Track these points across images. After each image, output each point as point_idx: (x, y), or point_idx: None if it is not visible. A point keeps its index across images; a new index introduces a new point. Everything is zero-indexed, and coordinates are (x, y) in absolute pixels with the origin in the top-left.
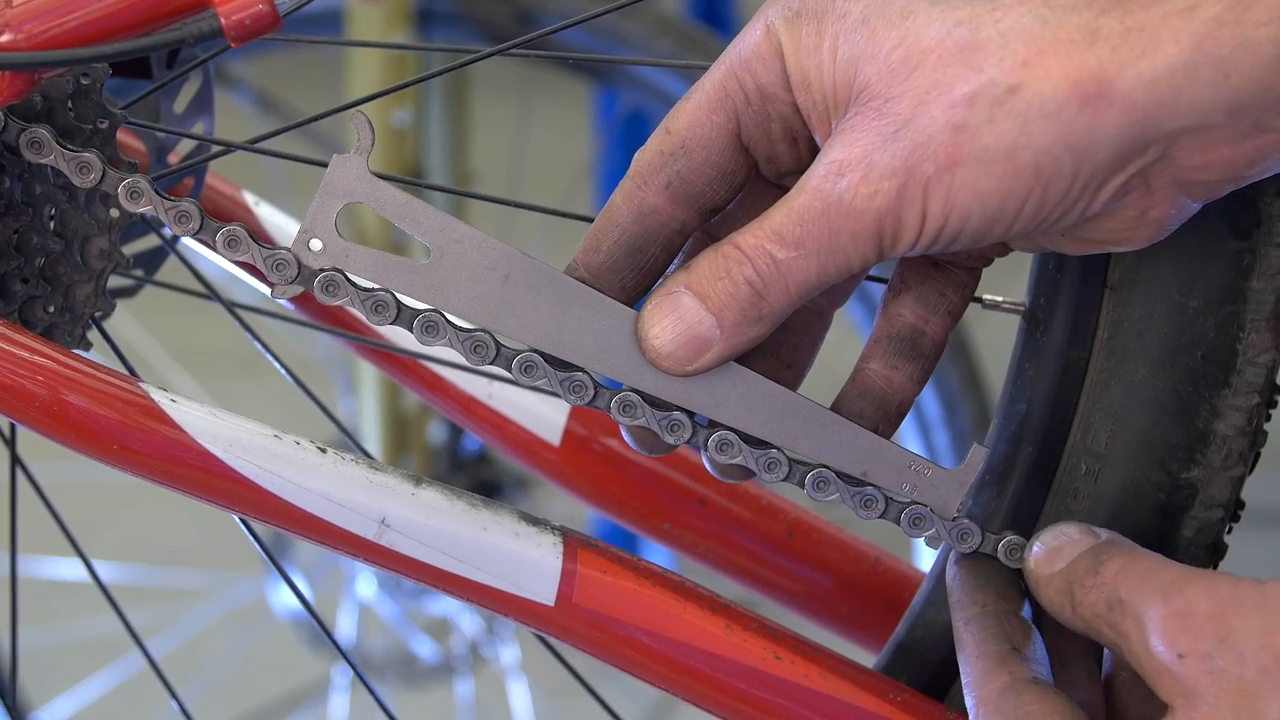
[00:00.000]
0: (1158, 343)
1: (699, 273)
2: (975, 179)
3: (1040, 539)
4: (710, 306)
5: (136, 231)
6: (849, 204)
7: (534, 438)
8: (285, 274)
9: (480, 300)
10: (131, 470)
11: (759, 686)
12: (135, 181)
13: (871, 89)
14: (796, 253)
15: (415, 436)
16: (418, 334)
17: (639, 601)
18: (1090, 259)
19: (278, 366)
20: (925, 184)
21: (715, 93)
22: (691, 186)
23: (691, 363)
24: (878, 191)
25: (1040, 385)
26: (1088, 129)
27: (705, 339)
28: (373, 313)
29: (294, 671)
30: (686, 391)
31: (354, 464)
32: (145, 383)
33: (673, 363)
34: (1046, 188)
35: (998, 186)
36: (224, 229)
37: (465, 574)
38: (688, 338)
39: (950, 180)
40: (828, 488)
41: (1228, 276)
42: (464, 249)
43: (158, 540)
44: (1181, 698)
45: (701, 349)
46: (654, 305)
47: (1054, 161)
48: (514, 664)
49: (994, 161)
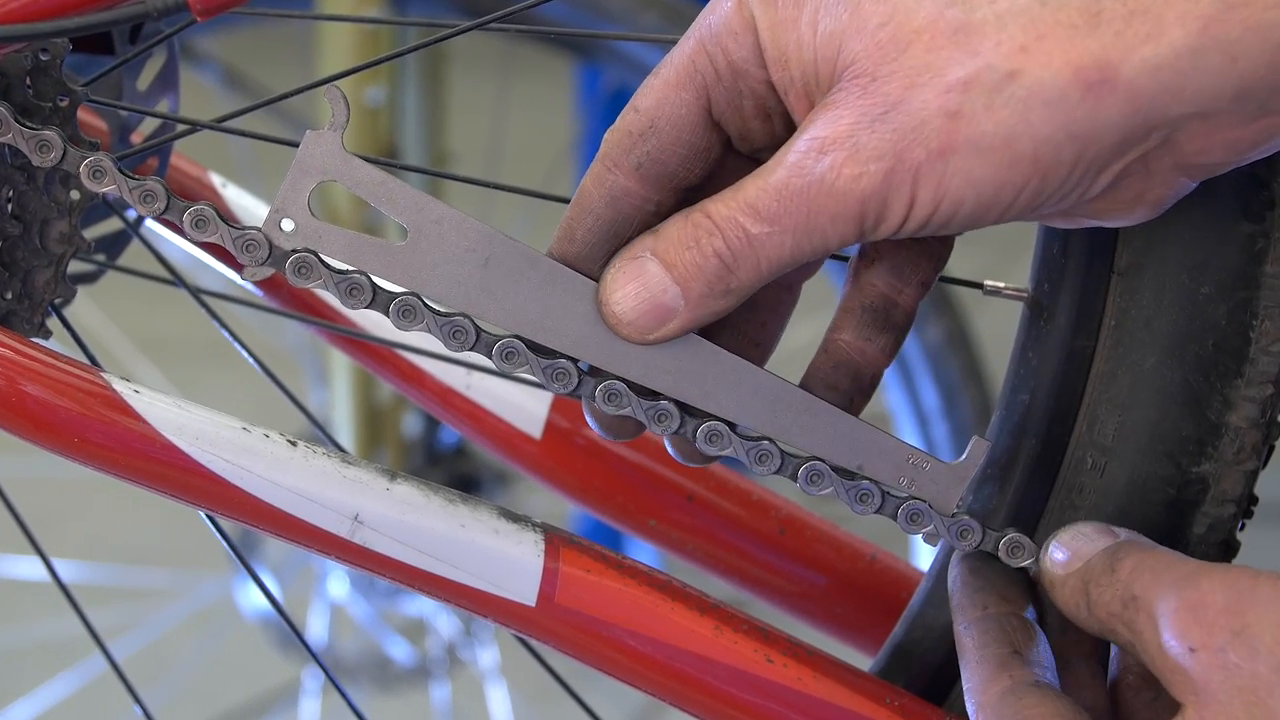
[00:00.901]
0: (1167, 331)
1: (667, 238)
2: (970, 167)
3: (1057, 539)
4: (676, 276)
5: (98, 215)
6: (831, 184)
7: (514, 430)
8: (256, 255)
9: (459, 283)
10: (93, 464)
11: (749, 691)
12: (98, 160)
13: (858, 66)
14: (771, 229)
15: (390, 429)
16: (394, 318)
17: (624, 602)
18: (1096, 243)
19: (245, 355)
20: (916, 169)
21: (684, 68)
22: (663, 167)
23: (652, 332)
24: (863, 174)
25: (1044, 375)
26: (1090, 117)
27: (668, 309)
28: (347, 296)
29: (262, 675)
30: (675, 382)
31: (326, 458)
32: (107, 373)
33: (631, 330)
34: (1045, 176)
35: (994, 175)
36: (191, 208)
37: (442, 573)
38: (650, 306)
39: (943, 167)
40: (821, 481)
41: (1240, 261)
42: (443, 230)
43: (120, 538)
44: (1193, 695)
45: (664, 318)
46: (617, 269)
47: (1054, 150)
48: (493, 667)
49: (991, 150)
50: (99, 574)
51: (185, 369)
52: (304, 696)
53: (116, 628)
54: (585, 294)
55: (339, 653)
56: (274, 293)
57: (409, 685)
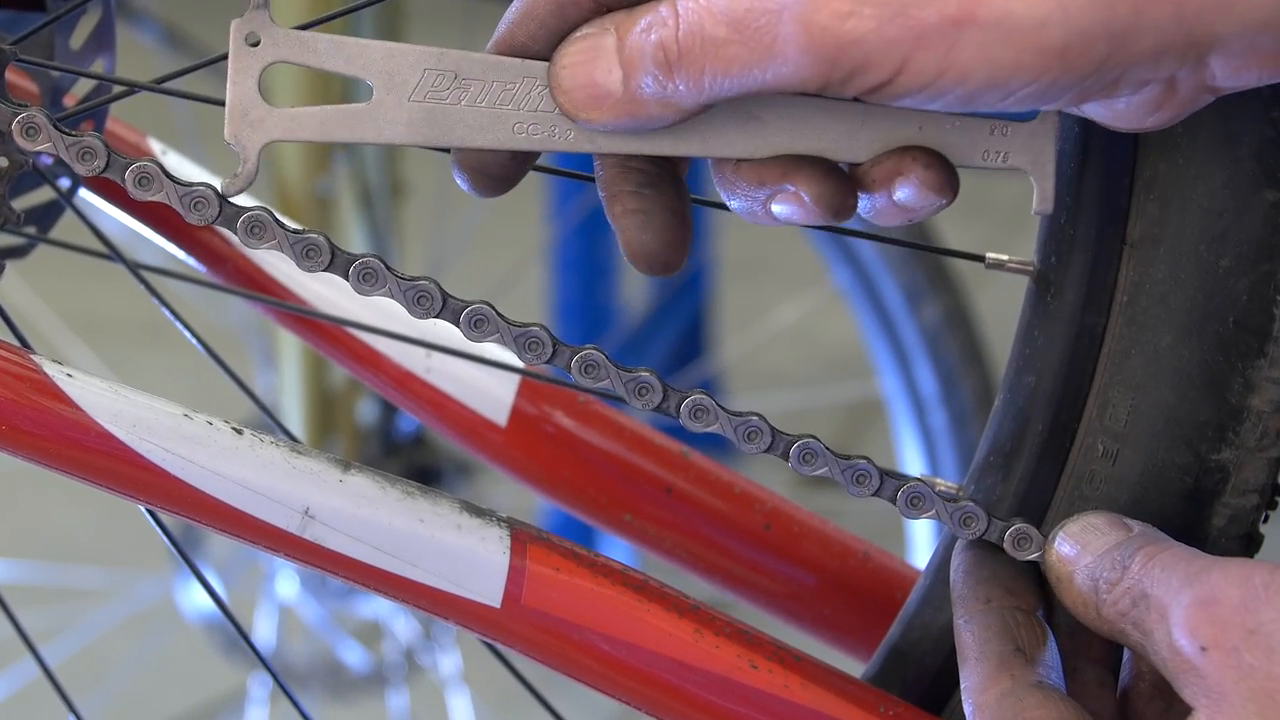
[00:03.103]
0: (1184, 307)
1: (632, 17)
2: (988, 43)
3: (1064, 530)
4: (622, 57)
5: (26, 184)
6: (810, 15)
7: (478, 417)
8: (205, 213)
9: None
10: (22, 454)
11: (732, 699)
12: (31, 116)
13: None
14: (730, 37)
15: (343, 416)
16: (354, 282)
17: (596, 602)
18: (1107, 213)
19: (187, 334)
20: (920, 31)
21: None
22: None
23: (585, 110)
24: (852, 14)
25: (1051, 355)
26: (1133, 15)
27: (605, 90)
28: (303, 258)
29: (206, 681)
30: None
31: (274, 447)
32: (38, 355)
33: (567, 101)
34: (1068, 70)
35: (1014, 59)
36: (134, 164)
37: (399, 571)
38: (589, 79)
39: (956, 36)
40: (815, 460)
41: (1263, 232)
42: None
43: (52, 533)
44: (1205, 697)
45: (599, 99)
46: (578, 35)
47: (1086, 46)
48: (454, 673)
49: (1017, 30)
50: (28, 572)
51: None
52: (250, 704)
53: (48, 630)
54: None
55: (288, 657)
56: (217, 267)
57: (364, 692)
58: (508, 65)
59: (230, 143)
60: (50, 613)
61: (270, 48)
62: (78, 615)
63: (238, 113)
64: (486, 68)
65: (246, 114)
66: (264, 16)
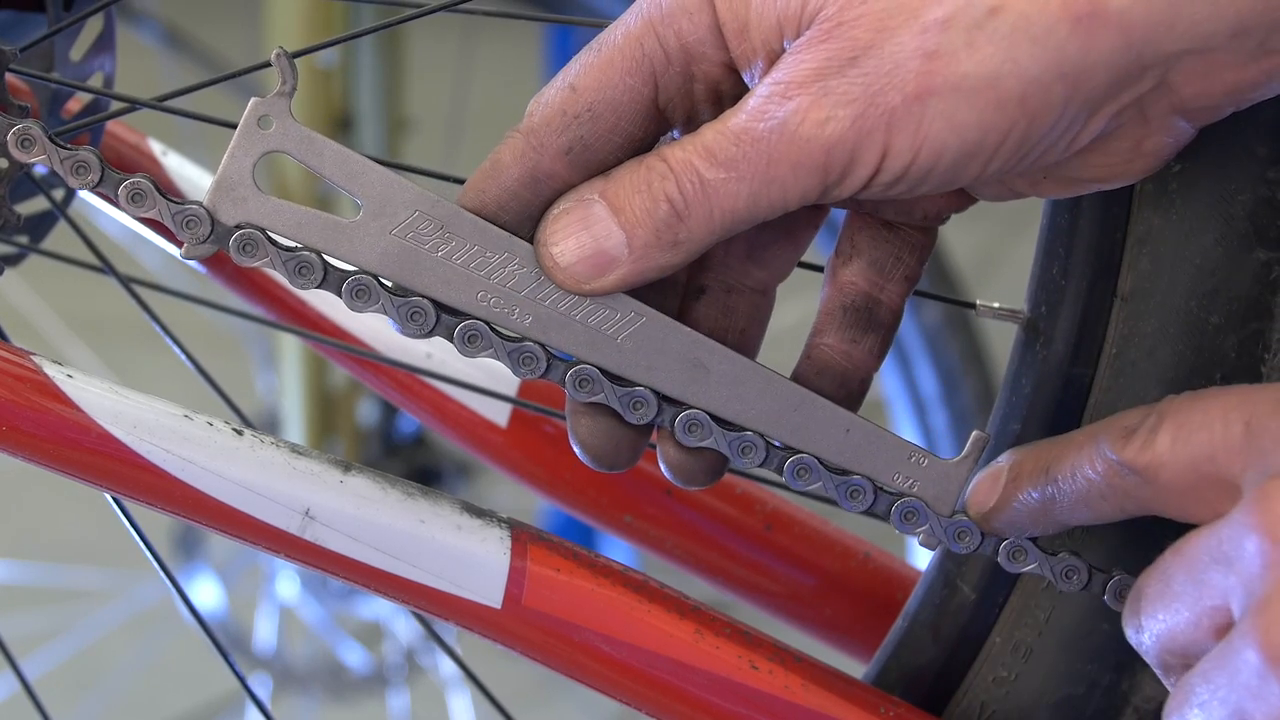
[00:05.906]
0: (1172, 362)
1: (618, 181)
2: (952, 110)
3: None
4: (622, 221)
5: (21, 193)
6: (794, 130)
7: (478, 418)
8: (197, 232)
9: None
10: (22, 455)
11: (732, 700)
12: (27, 128)
13: (824, 13)
14: (727, 175)
15: (344, 417)
16: (347, 299)
17: (597, 603)
18: (1099, 265)
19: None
20: (889, 115)
21: (631, 52)
22: (595, 154)
23: (590, 281)
24: (830, 119)
25: (1038, 404)
26: (1081, 53)
27: (611, 257)
28: (296, 275)
29: (205, 682)
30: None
31: (274, 448)
32: (38, 356)
33: (568, 277)
34: (1034, 119)
35: (978, 119)
36: (127, 181)
37: (400, 572)
38: (593, 251)
39: (921, 111)
40: (809, 475)
41: (1254, 290)
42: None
43: (52, 534)
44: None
45: (605, 267)
46: (562, 210)
47: (1043, 90)
48: (454, 674)
49: (974, 91)
50: (29, 573)
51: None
52: (250, 706)
53: (47, 632)
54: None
55: (289, 659)
56: (217, 271)
57: (364, 694)
58: (494, 236)
59: (206, 207)
60: (50, 613)
61: (278, 137)
62: (78, 616)
63: (225, 186)
64: (474, 230)
65: (233, 189)
66: (284, 105)
